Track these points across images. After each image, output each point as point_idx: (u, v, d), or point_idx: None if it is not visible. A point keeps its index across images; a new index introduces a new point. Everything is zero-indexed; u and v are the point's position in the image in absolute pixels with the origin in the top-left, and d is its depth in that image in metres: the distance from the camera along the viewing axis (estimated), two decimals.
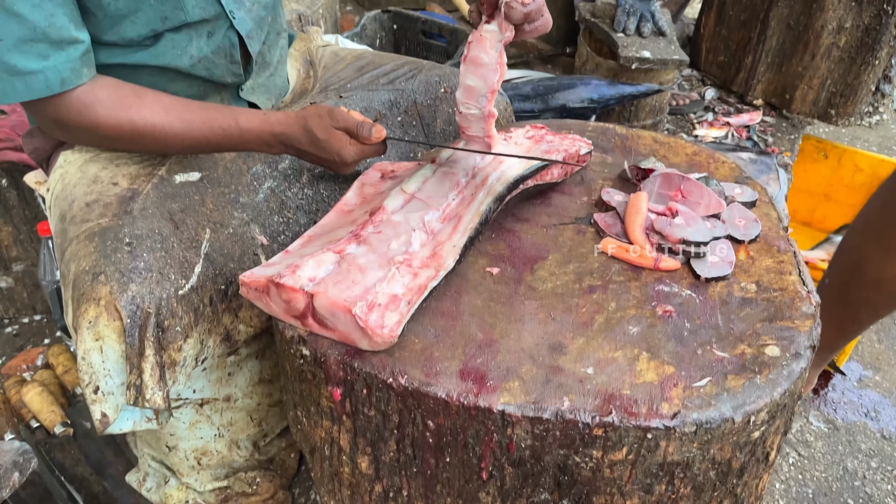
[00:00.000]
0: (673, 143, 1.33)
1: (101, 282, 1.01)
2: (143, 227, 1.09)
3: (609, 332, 0.94)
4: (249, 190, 1.24)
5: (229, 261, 1.15)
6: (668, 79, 2.15)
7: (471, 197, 1.07)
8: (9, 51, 0.98)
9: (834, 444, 1.76)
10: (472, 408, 0.85)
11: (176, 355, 1.06)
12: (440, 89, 1.47)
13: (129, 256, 1.04)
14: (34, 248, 1.85)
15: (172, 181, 1.19)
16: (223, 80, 1.26)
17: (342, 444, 1.00)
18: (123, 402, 1.04)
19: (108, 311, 1.00)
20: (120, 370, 1.02)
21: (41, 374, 1.58)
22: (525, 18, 1.01)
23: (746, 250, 1.07)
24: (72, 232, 1.10)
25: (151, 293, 1.03)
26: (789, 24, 2.29)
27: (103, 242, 1.06)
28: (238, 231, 1.19)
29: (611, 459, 0.85)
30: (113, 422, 1.04)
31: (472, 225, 1.03)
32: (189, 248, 1.11)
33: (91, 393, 1.02)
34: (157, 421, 1.11)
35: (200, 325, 1.10)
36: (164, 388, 1.03)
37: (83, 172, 1.18)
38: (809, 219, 2.52)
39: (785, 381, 0.87)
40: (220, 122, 1.13)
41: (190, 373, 1.11)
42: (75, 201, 1.14)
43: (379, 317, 0.89)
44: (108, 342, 1.01)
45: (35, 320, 1.97)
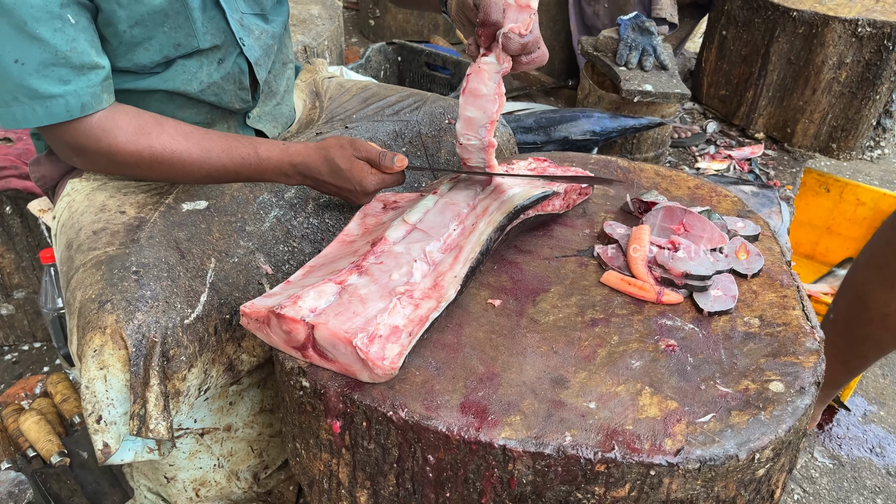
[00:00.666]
0: (675, 177, 1.33)
1: (108, 310, 1.01)
2: (149, 255, 1.09)
3: (612, 365, 0.94)
4: (255, 219, 1.25)
5: (234, 290, 1.15)
6: (670, 112, 2.17)
7: (471, 227, 1.07)
8: (30, 75, 0.99)
9: (839, 481, 1.74)
10: (473, 442, 0.84)
11: (180, 385, 1.05)
12: (444, 120, 1.48)
13: (135, 285, 1.04)
14: (36, 276, 1.85)
15: (179, 210, 1.19)
16: (231, 106, 1.27)
17: (341, 477, 0.99)
18: (126, 432, 1.03)
19: (114, 339, 1.00)
20: (123, 400, 1.02)
21: (39, 402, 1.56)
22: (522, 49, 1.02)
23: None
24: (78, 260, 1.10)
25: (157, 322, 1.03)
26: (790, 59, 2.32)
27: (110, 271, 1.06)
28: (243, 260, 1.19)
29: (613, 496, 0.84)
30: (115, 452, 1.03)
31: (473, 255, 1.02)
32: (195, 277, 1.11)
33: (94, 423, 1.01)
34: (159, 452, 1.10)
35: (205, 354, 1.09)
36: (168, 419, 1.02)
37: (90, 201, 1.19)
38: (812, 252, 2.53)
39: (790, 417, 0.86)
40: (239, 151, 1.14)
41: (193, 403, 1.10)
42: (82, 229, 1.14)
43: (380, 348, 0.88)
44: (113, 371, 1.00)
45: (35, 348, 1.97)
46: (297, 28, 2.28)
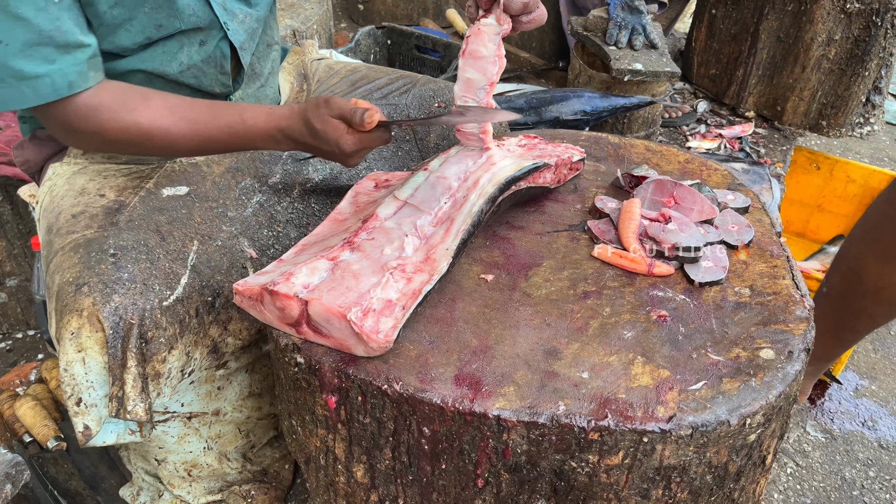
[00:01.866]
0: (665, 152, 1.34)
1: (84, 293, 1.01)
2: (128, 238, 1.09)
3: (604, 336, 0.94)
4: (238, 204, 1.24)
5: (217, 273, 1.15)
6: (661, 91, 2.17)
7: (462, 199, 1.07)
8: (14, 55, 0.98)
9: (831, 454, 1.76)
10: (468, 413, 0.85)
11: (160, 367, 1.05)
12: (434, 104, 1.47)
13: (113, 268, 1.04)
14: (28, 263, 1.85)
15: (160, 195, 1.19)
16: (211, 89, 1.26)
17: (337, 452, 0.99)
18: (106, 414, 1.03)
19: (91, 322, 1.00)
20: (103, 382, 1.02)
21: (34, 388, 1.56)
22: (523, 9, 1.03)
23: (746, 250, 1.07)
24: (57, 244, 1.10)
25: (135, 304, 1.02)
26: (779, 37, 2.31)
27: (87, 254, 1.06)
28: (227, 244, 1.19)
29: (607, 464, 0.85)
30: (96, 434, 1.03)
31: (465, 227, 1.02)
32: (175, 259, 1.11)
33: (73, 405, 1.01)
34: (141, 433, 1.10)
35: (186, 336, 1.09)
36: (146, 400, 1.02)
37: (70, 185, 1.19)
38: (803, 230, 2.54)
39: (780, 383, 0.87)
40: (225, 120, 1.12)
41: (176, 385, 1.10)
42: (62, 213, 1.14)
43: (374, 322, 0.89)
44: (91, 354, 1.00)
45: (29, 335, 1.96)
46: (285, 12, 2.27)
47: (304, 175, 1.34)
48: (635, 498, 0.88)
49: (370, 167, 1.41)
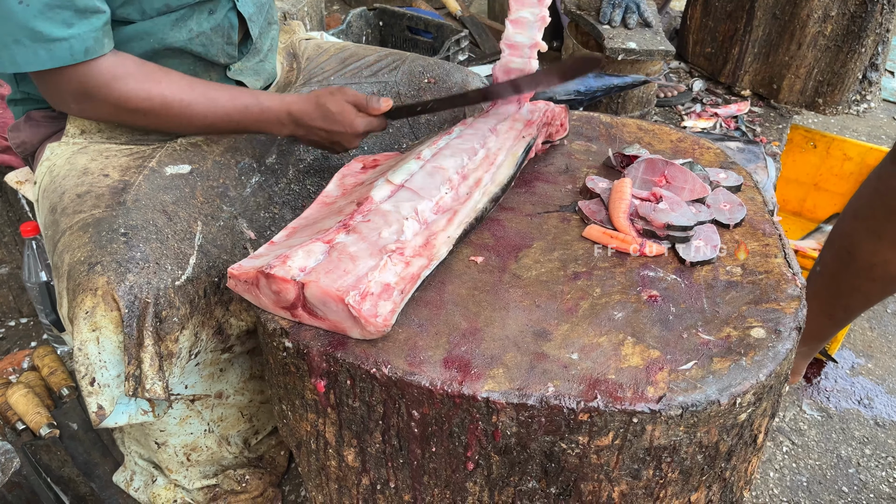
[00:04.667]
0: (658, 131, 1.32)
1: (98, 272, 1.00)
2: (137, 217, 1.08)
3: (594, 317, 0.94)
4: (237, 184, 1.24)
5: (222, 252, 1.15)
6: (655, 70, 2.15)
7: (466, 195, 1.07)
8: (35, 16, 0.98)
9: (827, 432, 1.76)
10: (457, 396, 0.84)
11: (173, 346, 1.05)
12: (423, 80, 1.46)
13: (125, 247, 1.04)
14: (18, 251, 1.84)
15: (163, 173, 1.18)
16: (217, 59, 1.27)
17: (328, 436, 0.99)
18: (119, 394, 1.03)
19: (106, 301, 0.99)
20: (116, 362, 1.01)
21: (26, 375, 1.56)
22: None
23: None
24: (64, 223, 1.09)
25: (149, 283, 1.02)
26: (775, 14, 2.29)
27: (98, 233, 1.05)
28: (228, 224, 1.18)
29: (597, 445, 0.84)
30: (109, 414, 1.03)
31: (468, 220, 1.03)
32: (183, 239, 1.10)
33: (87, 385, 1.01)
34: (153, 413, 1.10)
35: (195, 316, 1.09)
36: (163, 379, 1.02)
37: (72, 164, 1.18)
38: (799, 209, 2.53)
39: (770, 362, 0.86)
40: (243, 100, 1.18)
41: (184, 366, 1.10)
42: (66, 193, 1.13)
43: (372, 306, 0.88)
44: (105, 333, 1.00)
45: (21, 323, 1.96)
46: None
47: (296, 155, 1.34)
48: (626, 479, 0.88)
49: (361, 145, 1.40)
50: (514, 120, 1.23)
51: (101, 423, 1.03)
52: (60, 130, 1.25)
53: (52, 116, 1.26)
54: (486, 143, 1.16)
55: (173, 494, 1.34)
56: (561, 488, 0.89)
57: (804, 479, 1.65)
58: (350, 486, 1.03)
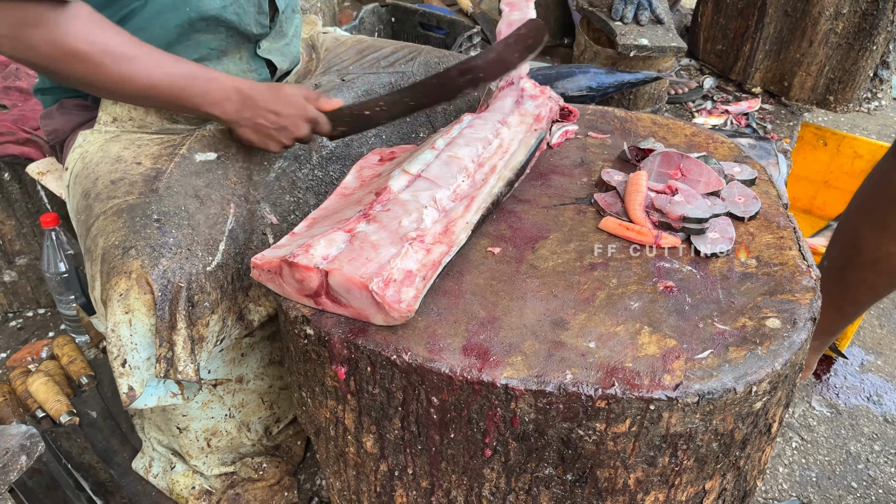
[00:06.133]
0: (672, 125, 1.33)
1: (132, 256, 1.02)
2: (169, 204, 1.10)
3: (611, 307, 0.95)
4: (261, 169, 1.26)
5: (249, 237, 1.16)
6: (667, 66, 2.16)
7: (482, 181, 1.09)
8: None
9: (837, 428, 1.77)
10: (476, 382, 0.86)
11: (204, 331, 1.07)
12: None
13: (158, 232, 1.06)
14: (37, 242, 1.86)
15: (194, 160, 1.20)
16: (249, 29, 1.28)
17: (347, 423, 1.01)
18: (149, 376, 1.05)
19: (140, 284, 1.01)
20: (147, 345, 1.03)
21: (46, 364, 1.58)
22: None
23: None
24: (98, 208, 1.11)
25: (182, 268, 1.04)
26: (786, 11, 2.30)
27: (132, 218, 1.07)
28: (252, 208, 1.21)
29: (614, 432, 0.86)
30: (139, 396, 1.05)
31: (485, 205, 1.05)
32: (213, 225, 1.13)
33: (119, 366, 1.03)
34: (182, 396, 1.12)
35: (224, 302, 1.11)
36: (195, 362, 1.04)
37: (105, 152, 1.20)
38: (809, 206, 2.53)
39: (786, 351, 0.87)
40: (190, 68, 1.13)
41: (211, 350, 1.12)
42: (99, 178, 1.15)
43: (395, 292, 0.89)
44: (138, 315, 1.02)
45: (39, 314, 1.98)
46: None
47: (319, 142, 1.36)
48: (642, 465, 0.89)
49: (379, 134, 1.42)
50: (523, 115, 1.24)
51: (131, 405, 1.05)
52: (92, 119, 1.28)
53: (85, 105, 1.28)
54: (500, 133, 1.18)
55: (192, 481, 1.36)
56: (577, 475, 0.91)
57: (813, 475, 1.66)
58: (368, 472, 1.05)
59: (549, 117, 1.25)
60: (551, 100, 1.28)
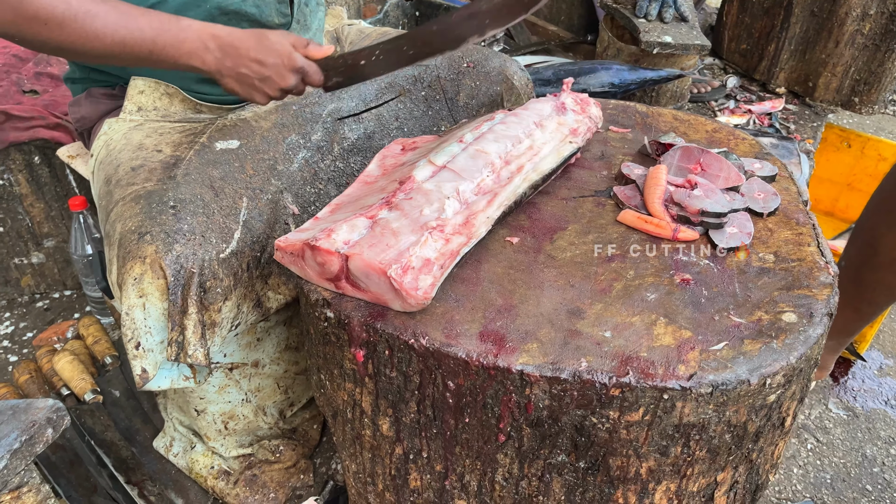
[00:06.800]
0: (693, 121, 1.34)
1: (147, 241, 1.05)
2: (186, 192, 1.13)
3: (627, 298, 0.96)
4: (285, 159, 1.28)
5: (267, 226, 1.19)
6: (690, 64, 2.15)
7: (507, 180, 1.10)
8: None
9: (853, 431, 1.76)
10: (492, 368, 0.87)
11: (216, 316, 1.09)
12: (463, 64, 1.49)
13: (173, 219, 1.08)
14: (65, 225, 1.90)
15: (213, 148, 1.23)
16: (271, 19, 1.29)
17: (364, 406, 1.02)
18: (162, 359, 1.07)
19: (153, 269, 1.04)
20: (160, 328, 1.06)
21: (72, 343, 1.62)
22: None
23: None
24: (117, 194, 1.14)
25: (195, 254, 1.07)
26: (813, 11, 2.28)
27: (149, 205, 1.10)
28: (273, 198, 1.23)
29: (627, 420, 0.87)
30: (152, 378, 1.08)
31: (508, 202, 1.06)
32: (228, 215, 1.15)
33: (133, 348, 1.05)
34: (195, 380, 1.14)
35: (238, 289, 1.13)
36: (205, 346, 1.07)
37: (128, 139, 1.23)
38: (832, 208, 2.51)
39: (801, 345, 0.88)
40: (159, 18, 1.08)
41: (225, 336, 1.15)
42: (121, 165, 1.18)
43: (413, 279, 0.91)
44: (151, 299, 1.04)
45: (66, 295, 2.02)
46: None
47: (341, 134, 1.37)
48: (654, 455, 0.90)
49: (401, 126, 1.44)
50: (561, 124, 1.23)
51: (144, 386, 1.08)
52: (118, 107, 1.31)
53: (112, 94, 1.31)
54: (533, 134, 1.18)
55: (211, 461, 1.39)
56: (590, 462, 0.92)
57: (828, 477, 1.65)
58: (383, 455, 1.06)
59: (585, 135, 1.24)
60: (591, 120, 1.28)
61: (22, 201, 1.82)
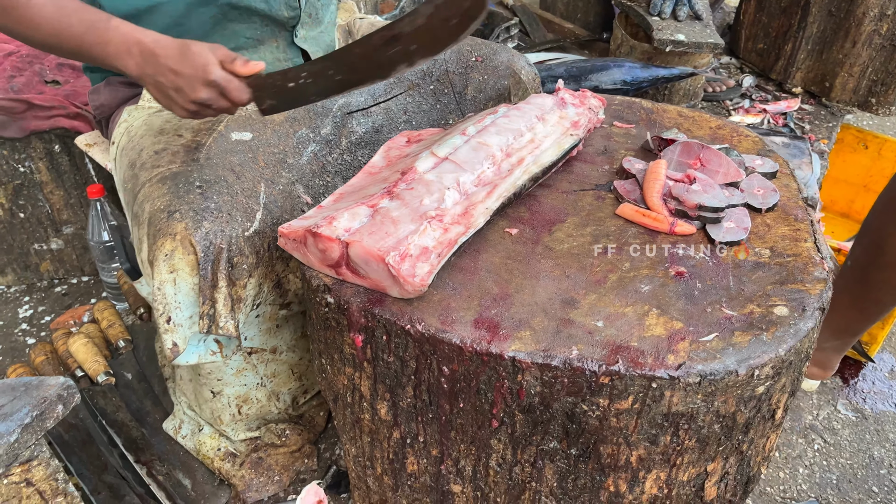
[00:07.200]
0: (697, 117, 1.34)
1: (177, 218, 1.09)
2: (209, 173, 1.17)
3: (621, 289, 0.97)
4: (294, 152, 1.31)
5: (283, 213, 1.22)
6: (703, 63, 2.15)
7: (507, 172, 1.12)
8: None
9: (861, 433, 1.75)
10: (485, 354, 0.89)
11: (241, 292, 1.13)
12: (471, 58, 1.51)
13: (200, 197, 1.12)
14: (83, 212, 1.95)
15: (229, 138, 1.26)
16: (280, 14, 1.32)
17: (363, 390, 1.05)
18: (191, 334, 1.11)
19: (184, 245, 1.07)
20: (189, 303, 1.09)
21: (87, 327, 1.66)
22: None
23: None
24: (143, 176, 1.18)
25: (223, 231, 1.10)
26: (830, 11, 2.26)
27: (176, 185, 1.13)
28: (287, 188, 1.26)
29: (617, 408, 0.88)
30: (182, 352, 1.11)
31: (507, 194, 1.08)
32: (250, 196, 1.18)
33: (164, 323, 1.09)
34: (221, 354, 1.18)
35: (261, 267, 1.17)
36: (235, 318, 1.10)
37: (148, 125, 1.27)
38: (847, 210, 2.49)
39: (791, 338, 0.89)
40: (91, 15, 1.08)
41: (248, 314, 1.18)
42: (144, 150, 1.22)
43: (410, 266, 0.93)
44: (182, 275, 1.08)
45: (83, 281, 2.07)
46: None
47: (348, 128, 1.40)
48: (644, 443, 0.91)
49: (409, 120, 1.46)
50: (563, 117, 1.25)
51: (175, 360, 1.12)
52: (137, 95, 1.35)
53: (130, 83, 1.35)
54: (534, 128, 1.20)
55: (217, 443, 1.42)
56: (581, 450, 0.94)
57: (834, 477, 1.65)
58: (382, 439, 1.09)
59: (586, 126, 1.26)
60: (591, 111, 1.29)
61: (42, 189, 1.88)
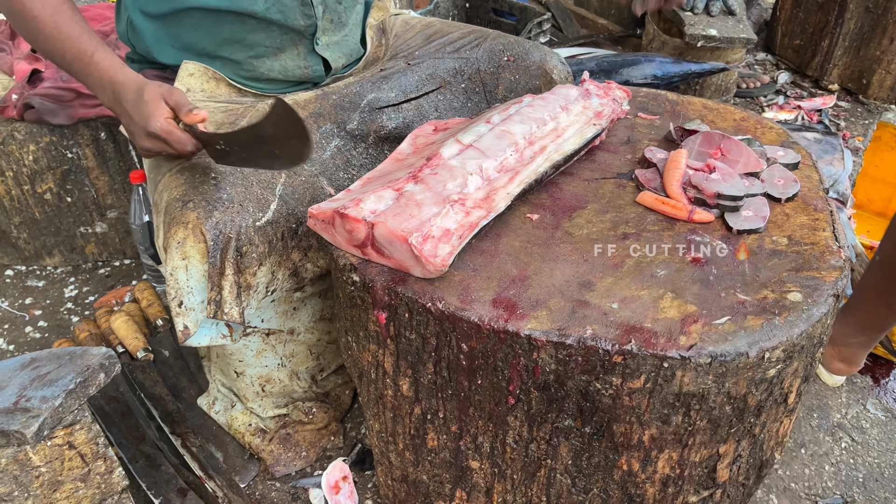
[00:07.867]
0: (722, 109, 1.36)
1: (190, 208, 1.14)
2: (226, 165, 1.22)
3: (638, 273, 1.00)
4: (318, 147, 1.36)
5: (300, 204, 1.27)
6: (736, 58, 2.15)
7: (530, 159, 1.15)
8: None
9: (890, 433, 1.74)
10: (502, 332, 0.93)
11: (251, 279, 1.18)
12: (503, 57, 1.54)
13: (214, 188, 1.17)
14: (126, 198, 2.03)
15: None
16: (297, 23, 1.36)
17: (386, 366, 1.09)
18: (203, 318, 1.17)
19: (195, 233, 1.13)
20: (201, 289, 1.15)
21: (128, 306, 1.74)
22: None
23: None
24: (165, 166, 1.25)
25: (232, 221, 1.16)
26: (868, 7, 2.24)
27: (192, 176, 1.20)
28: (308, 180, 1.30)
29: (629, 387, 0.91)
30: (193, 335, 1.17)
31: (529, 180, 1.11)
32: (265, 188, 1.23)
33: (176, 307, 1.15)
34: (231, 338, 1.23)
35: (273, 256, 1.22)
36: (240, 305, 1.16)
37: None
38: (884, 209, 2.45)
39: (804, 323, 0.90)
40: (80, 46, 1.15)
41: (261, 300, 1.23)
42: None
43: (432, 247, 0.97)
44: (193, 262, 1.13)
45: (125, 264, 2.16)
46: None
47: (378, 122, 1.44)
48: (656, 423, 0.94)
49: (441, 117, 1.49)
50: (586, 107, 1.28)
51: (186, 342, 1.18)
52: None
53: (164, 76, 1.41)
54: (557, 117, 1.23)
55: (248, 419, 1.48)
56: (595, 428, 0.96)
57: (860, 476, 1.64)
58: (403, 414, 1.13)
59: (610, 117, 1.28)
60: (615, 102, 1.32)
61: (88, 174, 1.96)
